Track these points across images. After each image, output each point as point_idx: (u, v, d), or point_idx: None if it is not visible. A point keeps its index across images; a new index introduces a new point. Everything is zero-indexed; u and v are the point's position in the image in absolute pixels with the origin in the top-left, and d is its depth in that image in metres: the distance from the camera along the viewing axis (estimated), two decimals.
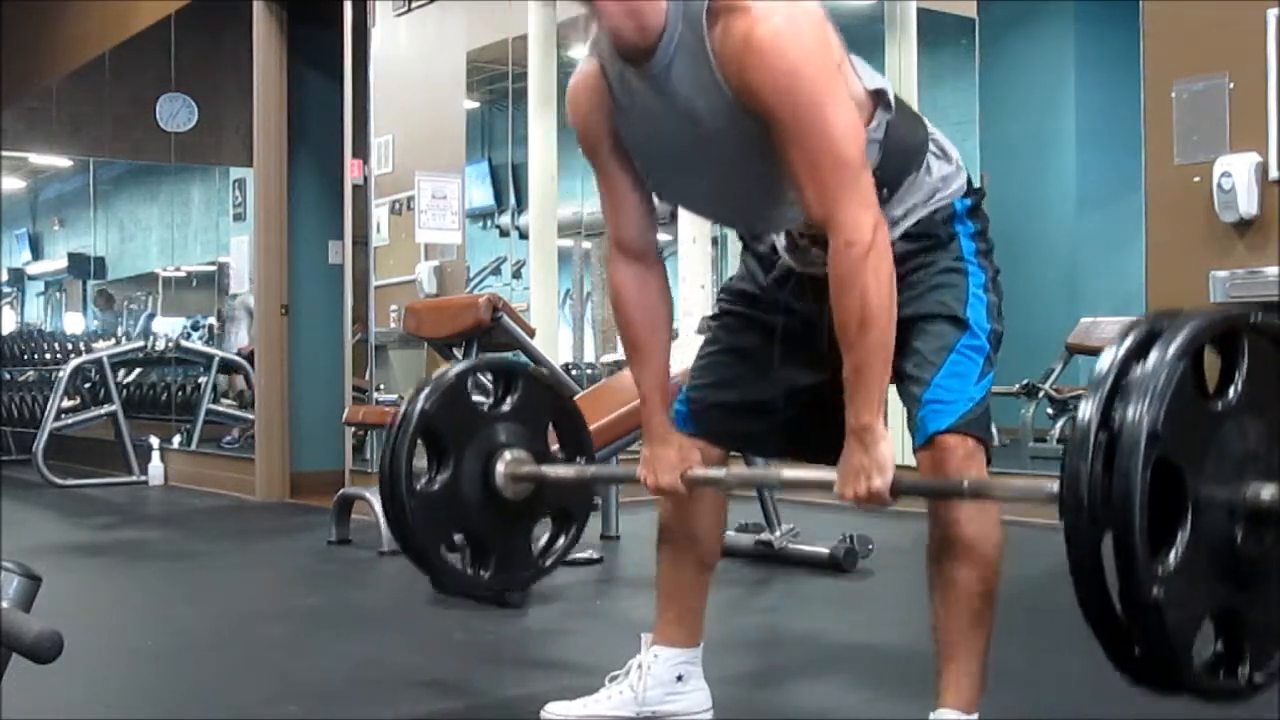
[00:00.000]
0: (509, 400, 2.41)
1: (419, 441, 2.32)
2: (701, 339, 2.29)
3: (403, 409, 2.35)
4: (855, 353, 1.81)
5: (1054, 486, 1.50)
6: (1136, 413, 1.39)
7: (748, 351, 2.16)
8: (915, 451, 1.96)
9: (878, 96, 1.94)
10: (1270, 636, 1.56)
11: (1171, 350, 1.42)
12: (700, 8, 1.82)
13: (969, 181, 2.06)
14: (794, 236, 2.06)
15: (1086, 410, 1.43)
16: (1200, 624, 1.49)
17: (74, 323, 11.40)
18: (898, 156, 1.95)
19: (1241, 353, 1.51)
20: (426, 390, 2.35)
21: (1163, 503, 1.42)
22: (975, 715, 1.91)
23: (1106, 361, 1.45)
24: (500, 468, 2.33)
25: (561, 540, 2.49)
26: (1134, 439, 1.39)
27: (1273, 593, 1.55)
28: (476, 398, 2.45)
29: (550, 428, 2.49)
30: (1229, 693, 1.54)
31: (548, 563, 2.48)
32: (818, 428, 2.00)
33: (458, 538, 2.39)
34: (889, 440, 1.83)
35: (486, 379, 2.53)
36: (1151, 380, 1.41)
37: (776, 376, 2.12)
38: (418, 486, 2.31)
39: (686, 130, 1.90)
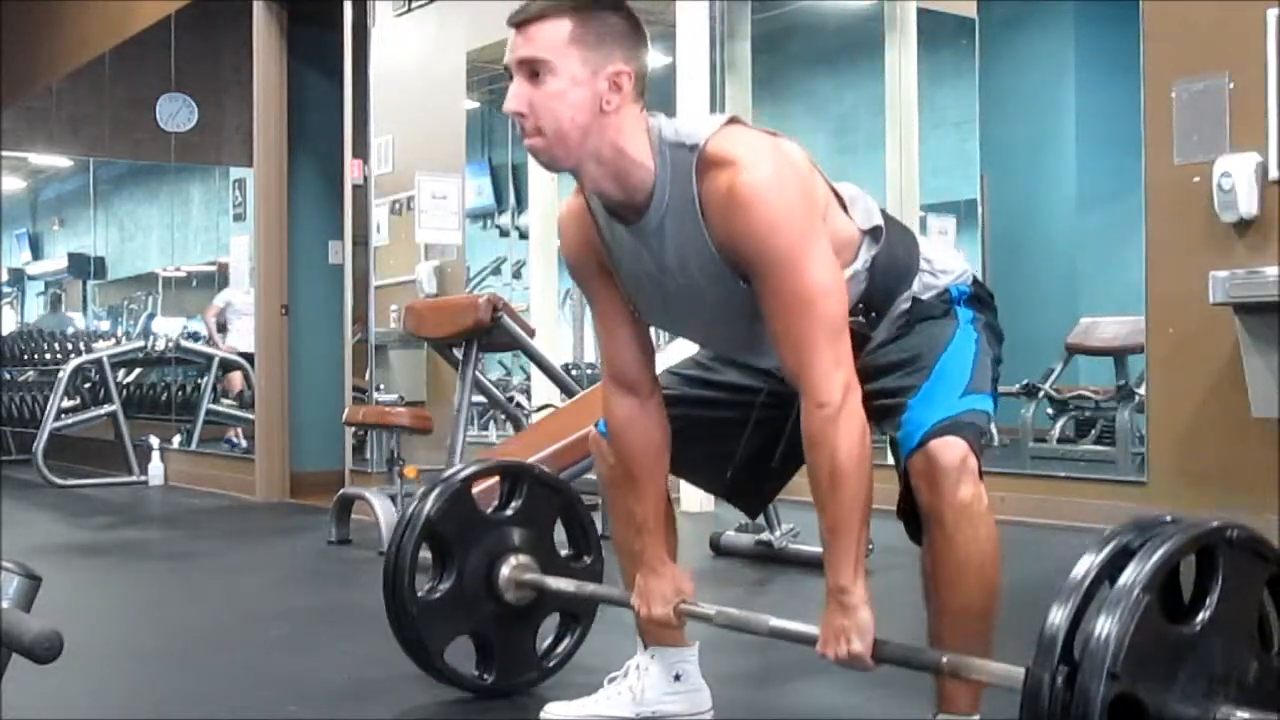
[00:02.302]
0: (514, 503, 2.43)
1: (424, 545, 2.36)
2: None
3: (409, 511, 2.38)
4: (828, 512, 1.83)
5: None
6: (1100, 645, 1.38)
7: (717, 398, 2.16)
8: (906, 460, 1.92)
9: (870, 234, 1.94)
10: None
11: (1141, 578, 1.41)
12: (690, 161, 1.80)
13: (975, 279, 2.04)
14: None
15: (1055, 618, 1.43)
16: None
17: (76, 321, 11.40)
18: (887, 279, 1.95)
19: (1217, 571, 1.48)
20: (433, 494, 2.37)
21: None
22: (976, 717, 1.91)
23: (1081, 570, 1.45)
24: (504, 573, 2.36)
25: (566, 641, 2.51)
26: (1095, 672, 1.37)
27: None
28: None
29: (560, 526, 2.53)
30: None
31: (552, 664, 2.51)
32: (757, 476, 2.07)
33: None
34: (869, 604, 1.84)
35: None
36: (1118, 611, 1.39)
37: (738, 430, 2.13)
38: (421, 593, 2.35)
39: (672, 279, 1.90)
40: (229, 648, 3.11)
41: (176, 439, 7.67)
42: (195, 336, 9.24)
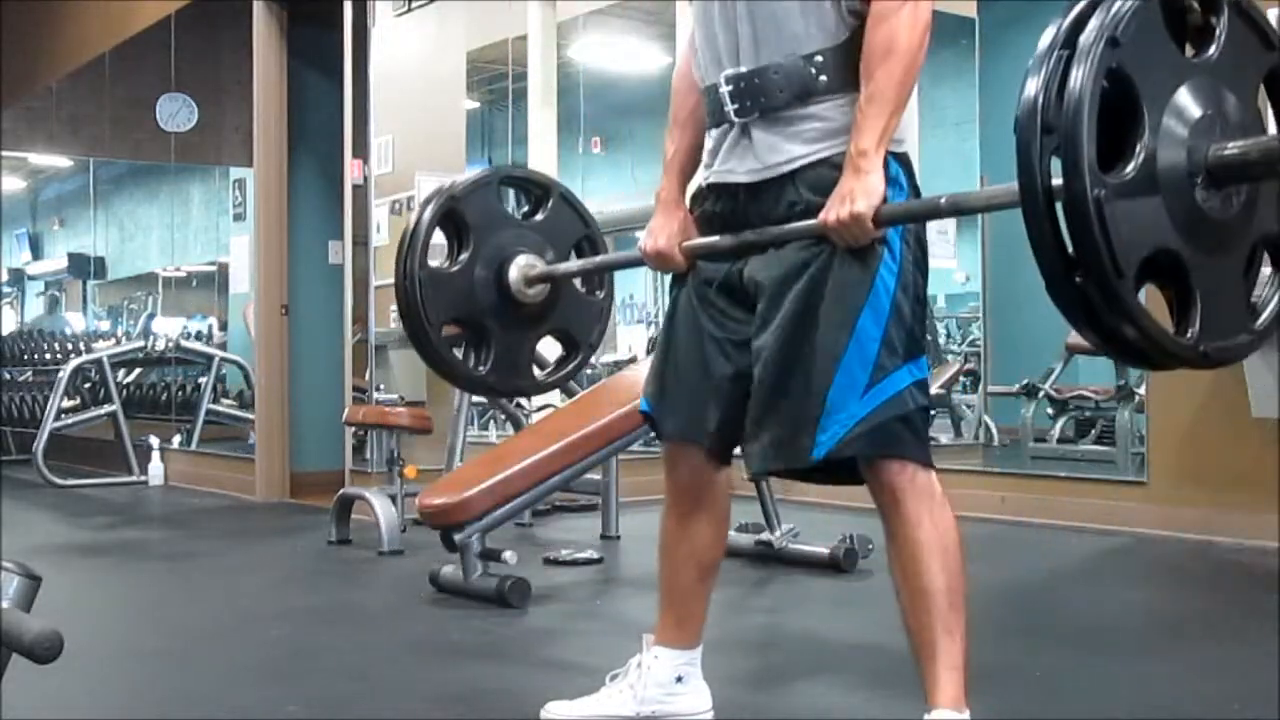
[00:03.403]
0: (539, 213, 2.42)
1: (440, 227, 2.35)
2: None
3: (429, 194, 2.38)
4: (872, 82, 1.85)
5: None
6: (1100, 22, 1.38)
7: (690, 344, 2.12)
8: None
9: None
10: (1224, 312, 1.52)
11: None
12: None
13: (906, 156, 1.99)
14: (731, 115, 2.00)
15: (1051, 27, 1.43)
16: (1146, 259, 1.42)
17: (74, 322, 11.40)
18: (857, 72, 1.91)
19: (1221, 21, 1.49)
20: (459, 180, 2.37)
21: (1120, 133, 1.40)
22: (966, 713, 1.90)
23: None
24: (514, 268, 2.35)
25: (565, 365, 2.50)
26: (1092, 41, 1.37)
27: (1233, 270, 1.51)
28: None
29: (573, 253, 2.52)
30: (1171, 352, 1.48)
31: (549, 380, 2.48)
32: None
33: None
34: (880, 173, 1.84)
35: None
36: (1120, 5, 1.40)
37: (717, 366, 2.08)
38: (433, 264, 2.33)
39: None
40: (229, 648, 3.11)
41: (176, 439, 7.67)
42: (199, 336, 9.25)
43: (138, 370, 8.75)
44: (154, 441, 7.24)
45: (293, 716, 2.48)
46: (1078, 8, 1.43)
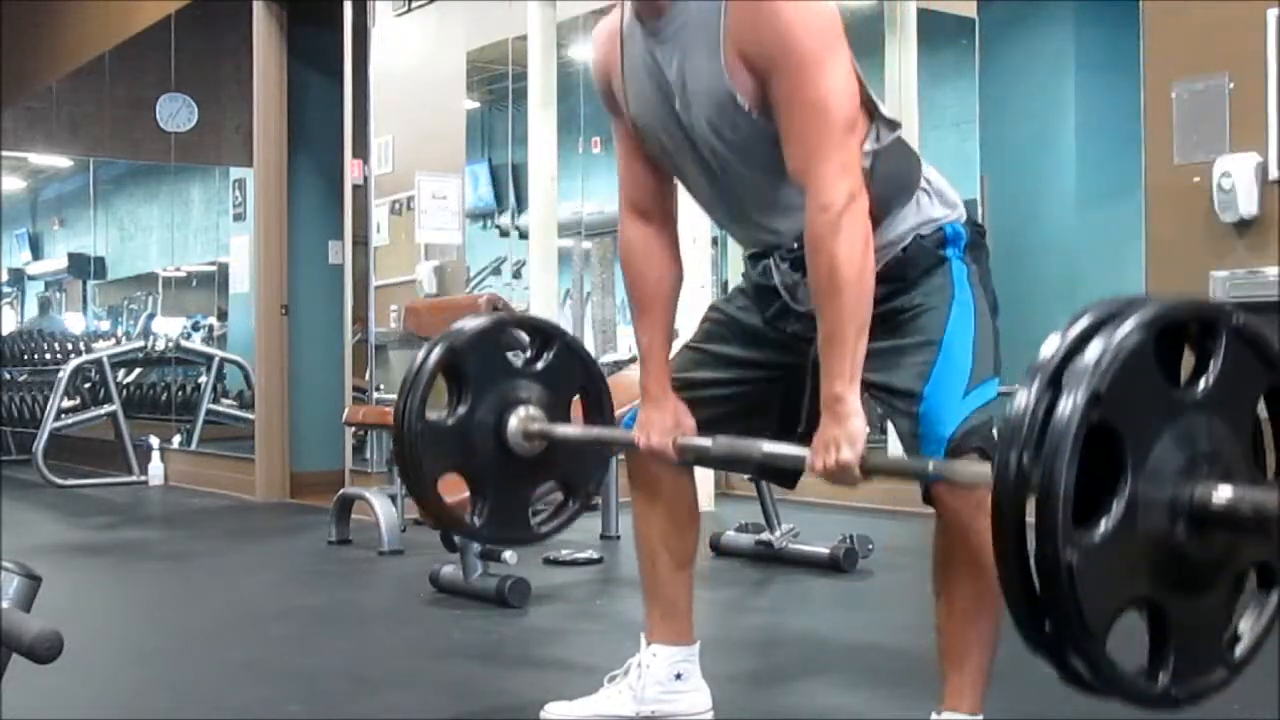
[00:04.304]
0: (540, 361, 2.41)
1: (440, 378, 2.32)
2: None
3: (432, 342, 2.35)
4: (825, 318, 1.81)
5: None
6: (1088, 366, 1.33)
7: (727, 361, 2.16)
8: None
9: (885, 123, 1.94)
10: (1201, 652, 1.47)
11: (1131, 323, 1.35)
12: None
13: (971, 219, 2.03)
14: (783, 269, 2.04)
15: (1047, 350, 1.37)
16: (1119, 610, 1.40)
17: (73, 322, 11.41)
18: (886, 187, 1.92)
19: (1219, 346, 1.43)
20: (457, 329, 2.35)
21: (1100, 486, 1.35)
22: (980, 717, 1.91)
23: (1053, 343, 1.39)
24: (514, 421, 2.33)
25: (562, 514, 2.49)
26: (1075, 398, 1.32)
27: (1212, 607, 1.47)
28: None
29: (578, 399, 2.49)
30: (1143, 697, 1.45)
31: (544, 530, 2.47)
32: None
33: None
34: (861, 415, 1.81)
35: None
36: (1106, 349, 1.34)
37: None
38: (431, 418, 2.31)
39: (679, 103, 1.91)
40: (229, 647, 3.11)
41: (176, 439, 7.66)
42: (197, 328, 9.24)
43: (138, 370, 8.75)
44: (154, 441, 7.24)
45: (293, 716, 2.48)
46: (1066, 343, 1.37)
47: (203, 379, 7.82)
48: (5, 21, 8.93)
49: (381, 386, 5.56)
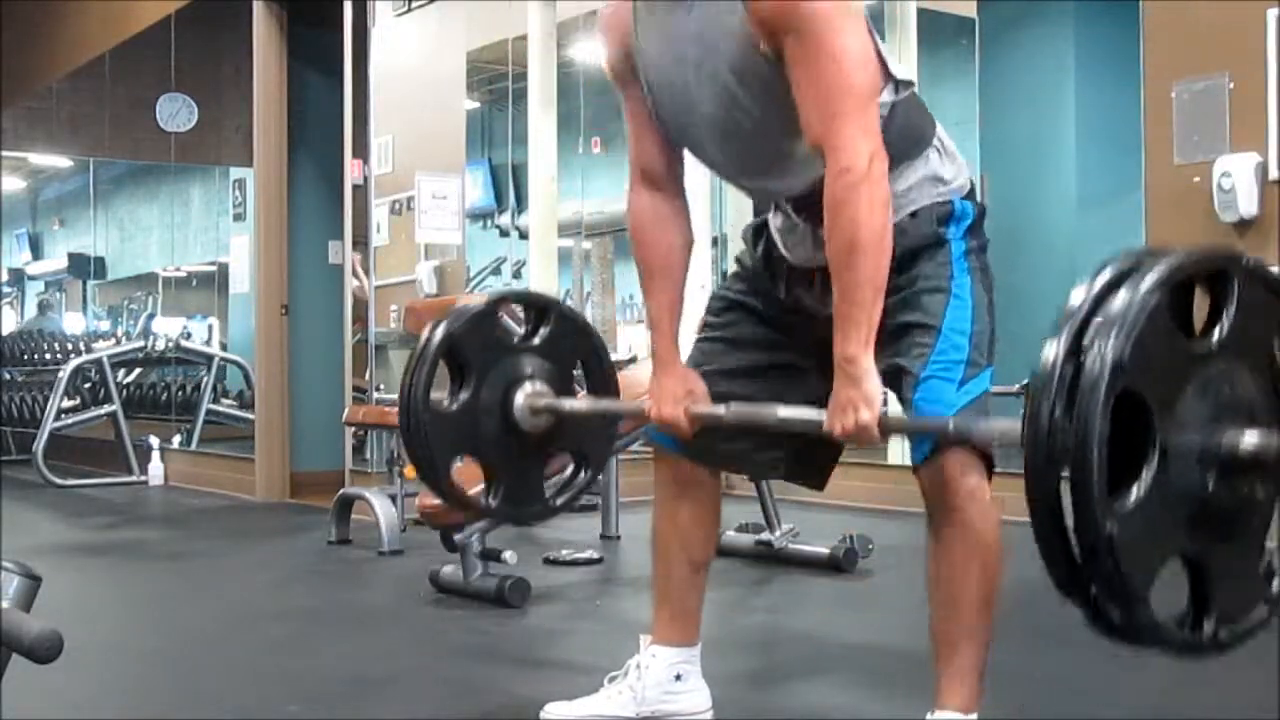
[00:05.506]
0: (539, 335, 2.40)
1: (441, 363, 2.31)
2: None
3: (429, 329, 2.35)
4: (843, 281, 1.81)
5: None
6: (1105, 343, 1.34)
7: (744, 343, 2.16)
8: (914, 470, 1.95)
9: (899, 83, 1.95)
10: (1241, 593, 1.49)
11: (1148, 282, 1.36)
12: None
13: (973, 189, 2.04)
14: (789, 214, 2.05)
15: (1054, 342, 1.39)
16: (1159, 568, 1.42)
17: (73, 322, 11.41)
18: (900, 138, 1.93)
19: (1231, 294, 1.44)
20: (454, 314, 2.34)
21: (1129, 442, 1.36)
22: (974, 716, 1.91)
23: (1079, 295, 1.41)
24: (519, 398, 2.33)
25: (575, 483, 2.49)
26: (1099, 369, 1.33)
27: (1246, 547, 1.49)
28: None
29: (579, 369, 2.49)
30: (1192, 646, 1.47)
31: (558, 502, 2.46)
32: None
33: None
34: (876, 376, 1.82)
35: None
36: (1124, 312, 1.35)
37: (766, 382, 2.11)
38: (437, 406, 2.31)
39: (693, 73, 1.92)
40: (229, 647, 3.11)
41: (176, 439, 7.66)
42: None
43: (138, 370, 8.75)
44: (154, 441, 7.24)
45: (293, 717, 2.48)
46: (1081, 311, 1.39)
47: (203, 379, 7.82)
48: (5, 21, 8.93)
49: (381, 386, 5.56)
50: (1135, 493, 1.37)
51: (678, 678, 2.23)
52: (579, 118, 7.49)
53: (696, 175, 2.21)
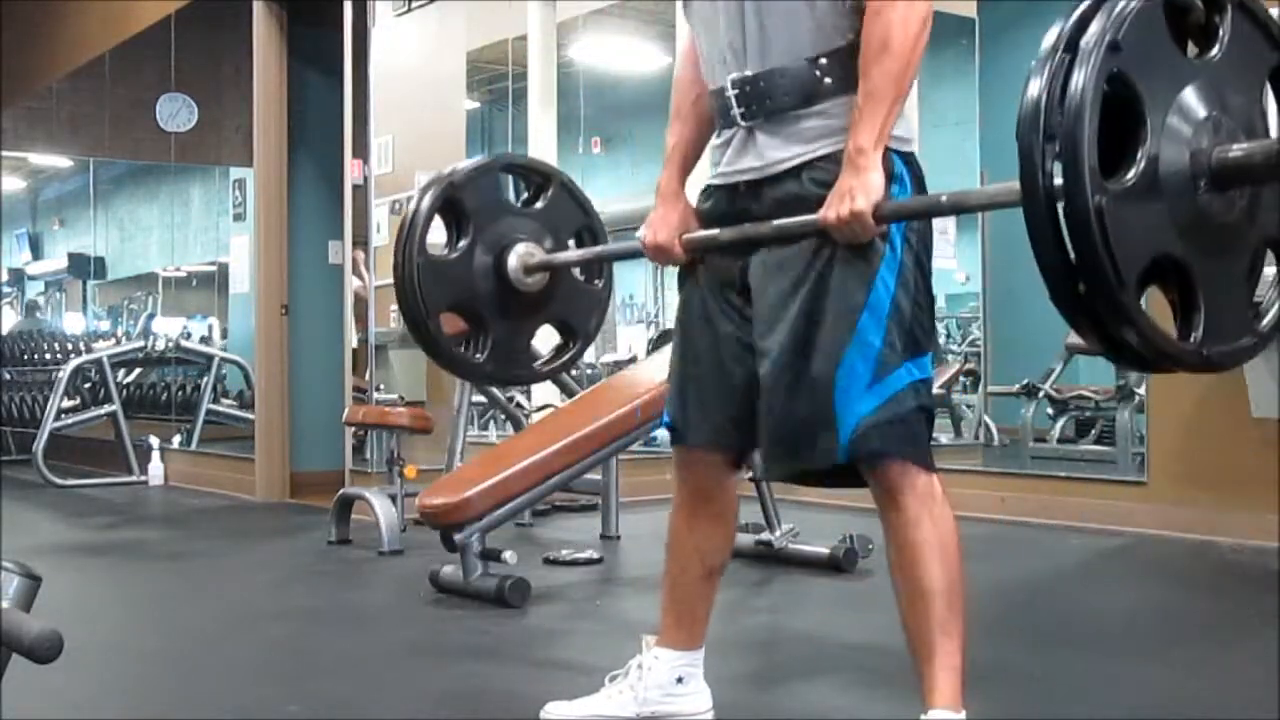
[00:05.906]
0: (539, 202, 2.41)
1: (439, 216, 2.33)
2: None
3: (429, 180, 2.36)
4: (869, 77, 1.85)
5: None
6: (1101, 26, 1.39)
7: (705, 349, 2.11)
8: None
9: None
10: (1229, 316, 1.52)
11: None
12: None
13: (913, 157, 1.98)
14: (733, 115, 2.00)
15: (1054, 29, 1.43)
16: (1145, 260, 1.44)
17: (74, 322, 11.41)
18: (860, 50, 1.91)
19: (1224, 22, 1.49)
20: (459, 166, 2.36)
21: (1123, 140, 1.40)
22: (963, 713, 1.90)
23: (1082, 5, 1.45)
24: (513, 258, 2.34)
25: (563, 354, 2.49)
26: (1092, 45, 1.38)
27: (1235, 272, 1.52)
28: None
29: (572, 242, 2.51)
30: (1174, 357, 1.49)
31: (545, 370, 2.47)
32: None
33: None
34: (880, 171, 1.84)
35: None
36: (1123, 8, 1.40)
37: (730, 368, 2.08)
38: (431, 252, 2.33)
39: None
40: (229, 648, 3.11)
41: (176, 439, 7.67)
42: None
43: (138, 370, 8.75)
44: (154, 441, 7.24)
45: (293, 716, 2.48)
46: (1080, 9, 1.44)
47: (203, 379, 7.82)
48: (5, 21, 8.93)
49: (381, 386, 5.57)
50: (1125, 175, 1.41)
51: (679, 680, 2.23)
52: (579, 118, 7.50)
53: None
